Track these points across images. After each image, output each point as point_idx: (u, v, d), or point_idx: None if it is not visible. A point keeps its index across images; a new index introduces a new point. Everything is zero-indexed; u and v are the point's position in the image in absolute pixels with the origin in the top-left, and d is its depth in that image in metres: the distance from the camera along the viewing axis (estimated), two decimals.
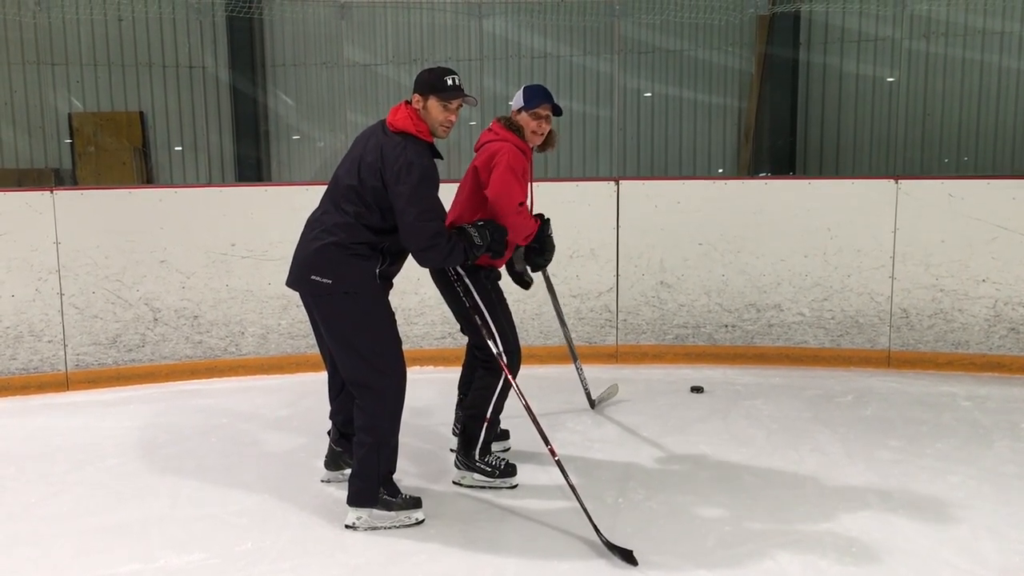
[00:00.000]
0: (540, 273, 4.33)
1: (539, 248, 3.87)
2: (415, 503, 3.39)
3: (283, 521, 3.41)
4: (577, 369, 4.81)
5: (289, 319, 5.70)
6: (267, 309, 5.69)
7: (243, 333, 5.68)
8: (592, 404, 4.89)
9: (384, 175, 3.22)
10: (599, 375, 5.39)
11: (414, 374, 3.50)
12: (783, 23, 11.15)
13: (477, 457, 3.74)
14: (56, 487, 3.80)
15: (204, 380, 5.60)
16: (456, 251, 3.32)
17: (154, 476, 3.94)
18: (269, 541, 3.22)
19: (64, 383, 5.39)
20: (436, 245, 3.24)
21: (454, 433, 4.19)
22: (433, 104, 3.31)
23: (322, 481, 3.80)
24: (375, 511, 3.32)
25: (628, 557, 3.00)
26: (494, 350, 3.59)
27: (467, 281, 3.64)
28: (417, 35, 12.14)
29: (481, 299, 3.64)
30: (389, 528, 3.31)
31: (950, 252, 5.54)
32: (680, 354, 5.90)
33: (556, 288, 4.75)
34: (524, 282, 3.95)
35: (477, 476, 3.73)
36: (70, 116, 12.00)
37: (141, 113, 12.20)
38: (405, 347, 3.42)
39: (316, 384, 4.50)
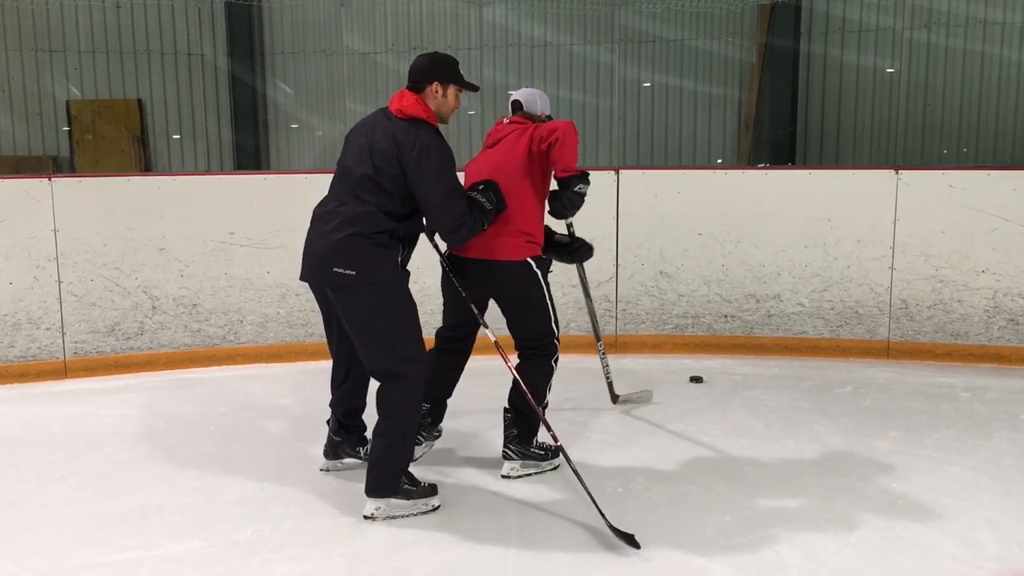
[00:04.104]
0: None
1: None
2: (432, 490, 3.39)
3: (283, 510, 3.40)
4: (601, 358, 4.73)
5: (288, 307, 5.69)
6: (266, 297, 5.68)
7: (242, 321, 5.67)
8: (614, 399, 4.77)
9: (402, 161, 3.22)
10: (598, 365, 5.38)
11: None
12: (784, 13, 11.13)
13: (533, 444, 3.76)
14: (54, 475, 3.80)
15: (203, 368, 5.59)
16: (478, 223, 3.37)
17: (153, 464, 3.93)
18: (269, 529, 3.22)
19: (62, 371, 5.38)
20: (465, 223, 3.29)
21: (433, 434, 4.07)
22: (452, 92, 3.39)
23: (321, 470, 3.80)
24: (393, 500, 3.29)
25: (631, 541, 3.01)
26: (555, 332, 3.67)
27: (536, 271, 3.64)
28: (417, 23, 12.11)
29: (547, 290, 3.69)
30: (407, 516, 3.29)
31: (950, 243, 5.53)
32: (679, 344, 5.90)
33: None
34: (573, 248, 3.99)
35: (530, 462, 3.73)
36: (68, 103, 11.98)
37: (139, 101, 12.18)
38: None
39: (315, 372, 4.51)
